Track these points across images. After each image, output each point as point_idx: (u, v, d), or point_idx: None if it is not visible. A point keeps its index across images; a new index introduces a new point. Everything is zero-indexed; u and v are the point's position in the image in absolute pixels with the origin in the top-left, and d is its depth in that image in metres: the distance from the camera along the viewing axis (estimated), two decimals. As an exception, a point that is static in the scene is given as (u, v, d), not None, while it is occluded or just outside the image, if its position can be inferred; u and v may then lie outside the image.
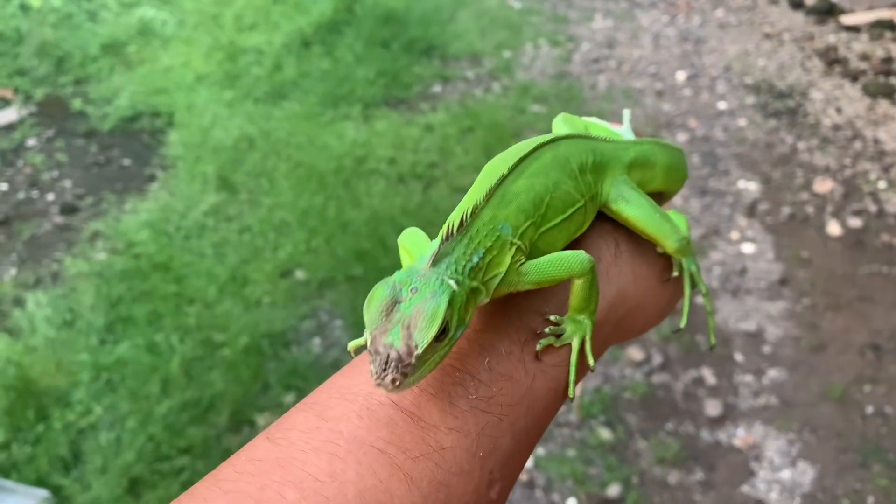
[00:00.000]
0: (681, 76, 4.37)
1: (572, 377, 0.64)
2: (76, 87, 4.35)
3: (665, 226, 0.74)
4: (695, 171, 3.62)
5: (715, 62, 4.47)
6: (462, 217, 0.61)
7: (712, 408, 2.58)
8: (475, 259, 0.60)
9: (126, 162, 3.79)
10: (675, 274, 0.77)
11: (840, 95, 4.11)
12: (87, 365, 2.65)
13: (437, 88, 4.32)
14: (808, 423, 2.53)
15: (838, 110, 4.01)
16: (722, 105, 4.11)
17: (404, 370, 0.52)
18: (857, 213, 3.36)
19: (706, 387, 2.66)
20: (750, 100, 4.13)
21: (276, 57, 4.43)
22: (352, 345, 0.68)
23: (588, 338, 0.65)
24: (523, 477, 2.37)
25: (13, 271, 3.14)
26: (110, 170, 3.74)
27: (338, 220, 3.31)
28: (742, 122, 3.97)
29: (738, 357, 2.77)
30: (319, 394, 0.57)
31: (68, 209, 3.46)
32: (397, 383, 0.51)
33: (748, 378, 2.69)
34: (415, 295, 0.55)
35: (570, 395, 0.64)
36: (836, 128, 3.89)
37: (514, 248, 0.64)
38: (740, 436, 2.51)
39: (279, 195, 3.44)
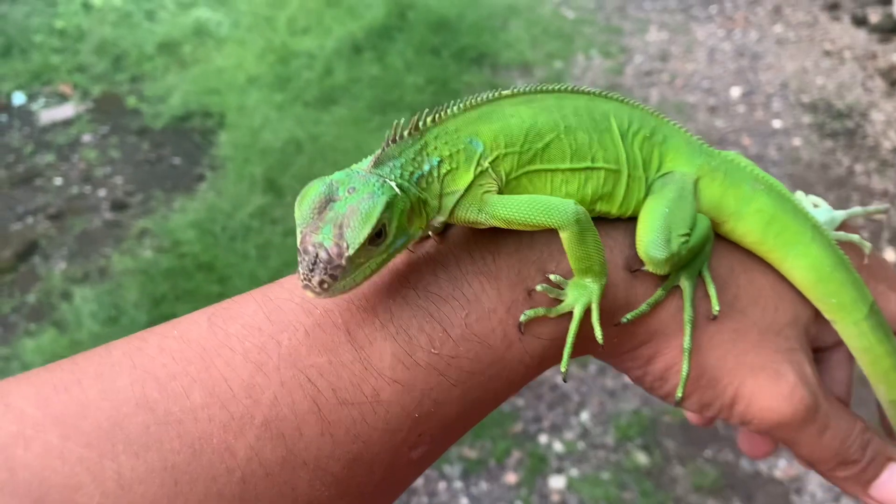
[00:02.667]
0: (735, 92, 4.28)
1: (567, 349, 0.57)
2: (132, 84, 4.44)
3: (663, 233, 0.61)
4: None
5: (771, 79, 4.37)
6: (417, 119, 0.55)
7: (754, 436, 2.51)
8: (426, 167, 0.55)
9: (176, 161, 3.85)
10: (660, 292, 0.62)
11: (901, 117, 3.98)
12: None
13: (486, 97, 4.31)
14: (854, 458, 2.45)
15: (899, 132, 3.88)
16: (777, 123, 4.01)
17: (333, 272, 0.48)
18: (915, 241, 3.24)
19: (748, 414, 2.59)
20: (806, 119, 4.03)
21: (327, 61, 4.46)
22: None
23: (595, 305, 0.56)
24: (554, 498, 2.34)
25: (63, 265, 3.21)
26: (161, 168, 3.80)
27: (381, 226, 3.31)
28: (797, 141, 3.87)
29: (784, 385, 2.69)
30: (283, 287, 0.53)
31: (118, 205, 3.53)
32: (325, 286, 0.48)
33: (793, 407, 2.62)
34: (351, 194, 0.50)
35: (563, 370, 0.57)
36: (897, 151, 3.77)
37: (480, 170, 0.57)
38: (782, 467, 2.44)
39: (324, 200, 3.46)
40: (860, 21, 4.80)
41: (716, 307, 0.61)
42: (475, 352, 0.52)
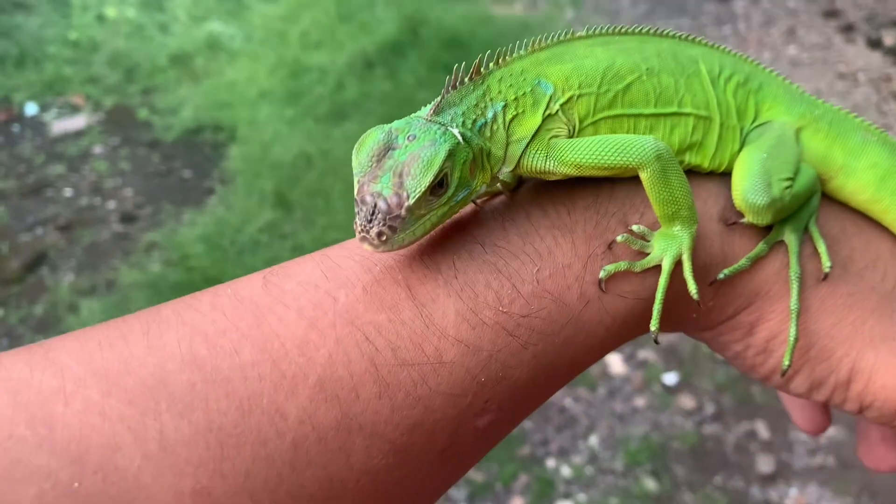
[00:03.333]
0: (748, 113, 4.26)
1: (657, 305, 0.50)
2: (143, 96, 4.45)
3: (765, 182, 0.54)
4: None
5: (784, 100, 4.35)
6: (479, 63, 0.51)
7: (765, 464, 2.48)
8: (489, 114, 0.51)
9: (187, 174, 3.85)
10: (763, 246, 0.55)
11: (916, 141, 3.96)
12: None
13: (497, 114, 4.31)
14: (867, 488, 2.41)
15: (914, 157, 3.86)
16: (790, 145, 4.00)
17: (392, 223, 0.45)
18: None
19: (759, 441, 2.56)
20: (820, 141, 4.01)
21: (339, 76, 4.46)
22: None
23: (686, 256, 0.50)
24: (563, 524, 2.31)
25: (71, 276, 3.20)
26: (171, 181, 3.80)
27: (390, 243, 3.30)
28: (810, 164, 3.85)
29: (796, 412, 2.66)
30: (344, 247, 0.50)
31: (127, 218, 3.52)
32: (384, 238, 0.45)
33: (804, 435, 2.57)
34: (412, 142, 0.47)
35: (653, 329, 0.51)
36: (911, 175, 3.74)
37: (549, 113, 0.52)
38: (793, 496, 2.40)
39: (334, 215, 3.45)
40: (875, 43, 4.78)
41: (826, 263, 0.55)
42: (548, 310, 0.48)
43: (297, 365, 0.42)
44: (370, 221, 0.45)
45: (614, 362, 2.71)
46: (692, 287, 0.51)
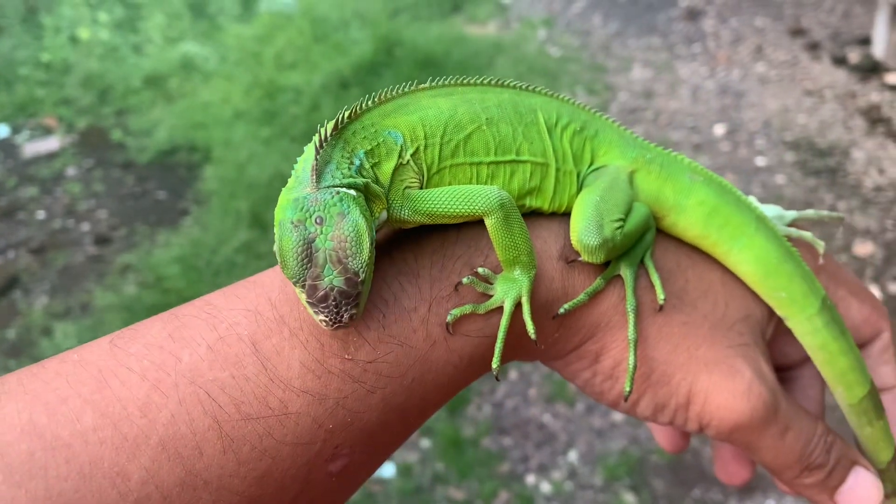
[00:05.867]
0: (719, 130, 4.32)
1: (499, 345, 0.53)
2: (117, 118, 4.43)
3: (597, 218, 0.59)
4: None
5: (754, 117, 4.42)
6: (337, 119, 0.53)
7: (742, 476, 2.50)
8: (356, 161, 0.52)
9: (161, 195, 3.83)
10: (601, 282, 0.59)
11: (883, 156, 4.04)
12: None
13: (472, 133, 4.33)
14: (843, 498, 2.44)
15: (881, 171, 3.93)
16: (760, 161, 4.06)
17: (356, 301, 0.47)
18: (898, 279, 3.27)
19: (736, 453, 2.58)
20: (789, 157, 4.08)
21: (314, 97, 4.48)
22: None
23: (525, 298, 0.53)
24: (543, 541, 2.31)
25: (45, 300, 3.17)
26: (145, 202, 3.78)
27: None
28: (780, 179, 3.91)
29: (771, 424, 2.69)
30: (193, 305, 0.51)
31: (102, 240, 3.49)
32: (354, 315, 0.46)
33: (781, 446, 2.60)
34: (323, 225, 0.48)
35: (495, 367, 0.54)
36: (878, 189, 3.81)
37: (401, 163, 0.55)
38: (771, 507, 2.42)
39: (310, 235, 3.45)
40: (840, 61, 4.88)
41: (660, 296, 0.59)
42: (394, 354, 0.50)
43: (138, 427, 0.43)
44: (338, 312, 0.46)
45: (592, 377, 2.72)
46: (530, 327, 0.54)
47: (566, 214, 0.62)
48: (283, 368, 0.47)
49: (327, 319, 0.46)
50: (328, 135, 0.52)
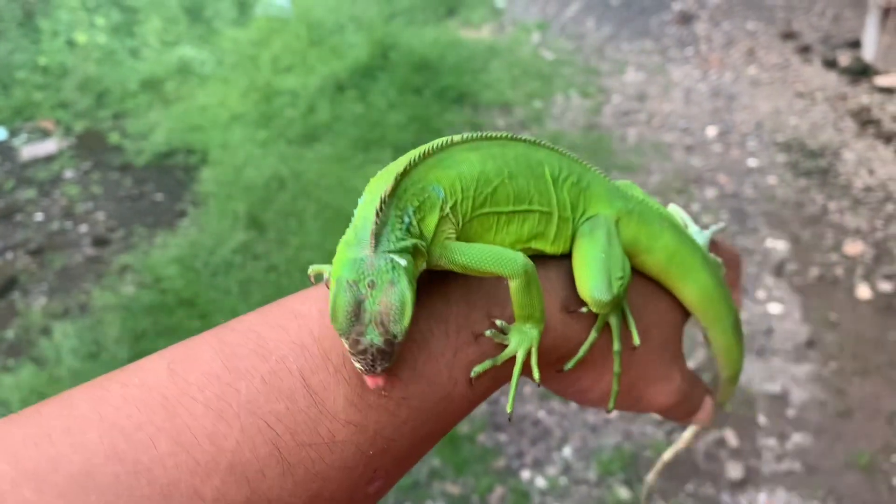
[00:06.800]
0: (711, 132, 4.37)
1: (512, 393, 0.63)
2: (114, 121, 4.45)
3: (598, 274, 0.68)
4: (723, 227, 3.60)
5: (746, 119, 4.47)
6: (395, 179, 0.58)
7: (734, 470, 2.53)
8: (406, 219, 0.58)
9: (159, 197, 3.86)
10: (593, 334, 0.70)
11: (873, 157, 4.09)
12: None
13: (467, 135, 4.37)
14: (833, 492, 2.47)
15: (870, 172, 3.98)
16: (752, 162, 4.10)
17: (390, 356, 0.52)
18: (889, 278, 3.31)
19: (728, 449, 2.61)
20: (781, 158, 4.12)
21: (311, 99, 4.51)
22: (312, 269, 0.65)
23: (534, 349, 0.61)
24: (539, 534, 2.33)
25: (43, 300, 3.19)
26: (143, 204, 3.81)
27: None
28: (772, 180, 3.95)
29: (762, 419, 2.72)
30: (235, 331, 0.55)
31: (100, 241, 3.52)
32: (385, 366, 0.52)
33: (771, 441, 2.64)
34: (374, 289, 0.53)
35: (509, 411, 0.63)
36: (868, 189, 3.86)
37: (443, 215, 0.61)
38: (762, 501, 2.45)
39: (307, 236, 3.47)
40: (830, 64, 4.94)
41: (636, 340, 0.71)
42: (423, 391, 0.56)
43: (208, 453, 0.48)
44: (373, 365, 0.52)
45: (586, 375, 2.75)
46: (536, 375, 0.62)
47: (563, 257, 0.71)
48: (330, 402, 0.53)
49: (363, 369, 0.52)
50: (387, 196, 0.57)
